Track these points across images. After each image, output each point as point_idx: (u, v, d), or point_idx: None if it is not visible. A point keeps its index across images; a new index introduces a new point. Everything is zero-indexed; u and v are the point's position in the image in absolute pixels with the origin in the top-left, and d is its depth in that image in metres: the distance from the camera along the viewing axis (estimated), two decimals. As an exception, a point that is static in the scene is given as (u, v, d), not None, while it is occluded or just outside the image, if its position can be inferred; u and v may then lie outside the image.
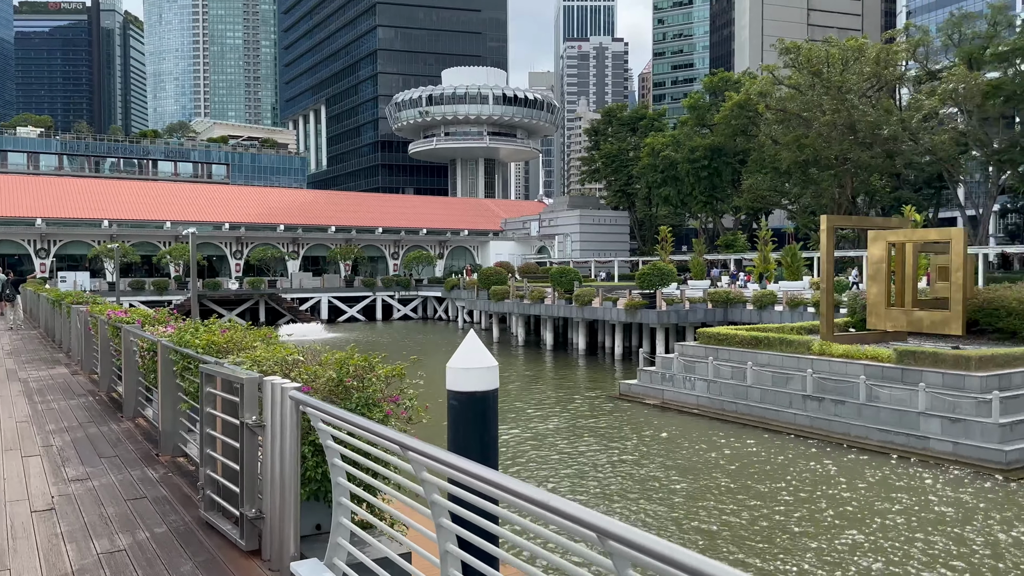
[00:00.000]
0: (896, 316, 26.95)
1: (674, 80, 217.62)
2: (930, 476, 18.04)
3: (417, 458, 3.27)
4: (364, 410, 5.16)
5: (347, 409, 4.75)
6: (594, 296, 41.45)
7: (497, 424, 9.74)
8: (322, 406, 4.47)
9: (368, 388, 5.29)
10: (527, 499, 2.49)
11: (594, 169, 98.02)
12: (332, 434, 4.49)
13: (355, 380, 5.31)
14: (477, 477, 2.84)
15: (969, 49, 61.33)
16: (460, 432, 8.10)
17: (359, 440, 4.29)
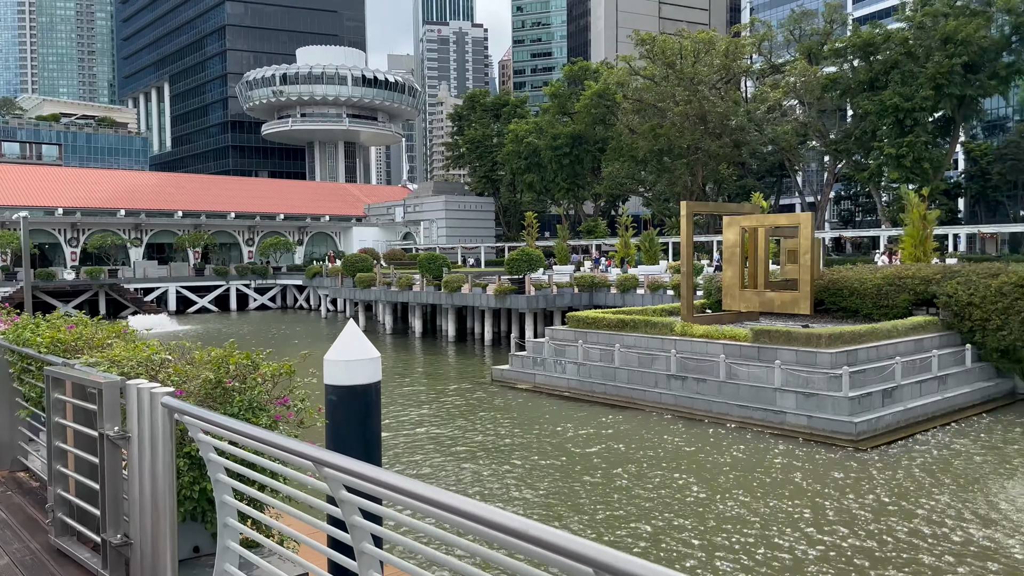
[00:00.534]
0: (750, 297, 28.37)
1: (534, 68, 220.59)
2: (786, 448, 19.05)
3: (334, 475, 2.79)
4: (248, 415, 4.57)
5: (229, 415, 4.16)
6: (463, 282, 41.21)
7: (380, 419, 9.23)
8: (203, 414, 3.86)
9: (252, 389, 4.70)
10: (492, 525, 2.10)
11: (459, 155, 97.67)
12: (215, 445, 3.90)
13: (236, 381, 4.70)
14: (416, 497, 2.41)
15: (808, 45, 65.60)
16: (340, 429, 7.59)
17: (248, 451, 3.73)
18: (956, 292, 25.39)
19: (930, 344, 24.43)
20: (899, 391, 21.39)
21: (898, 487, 15.84)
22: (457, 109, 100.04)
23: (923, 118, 53.75)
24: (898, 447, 18.99)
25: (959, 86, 52.48)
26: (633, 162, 71.53)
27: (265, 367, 4.83)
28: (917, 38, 53.50)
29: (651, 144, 65.08)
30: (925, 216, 35.68)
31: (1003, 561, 11.97)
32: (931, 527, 13.49)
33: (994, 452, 18.45)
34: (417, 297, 44.85)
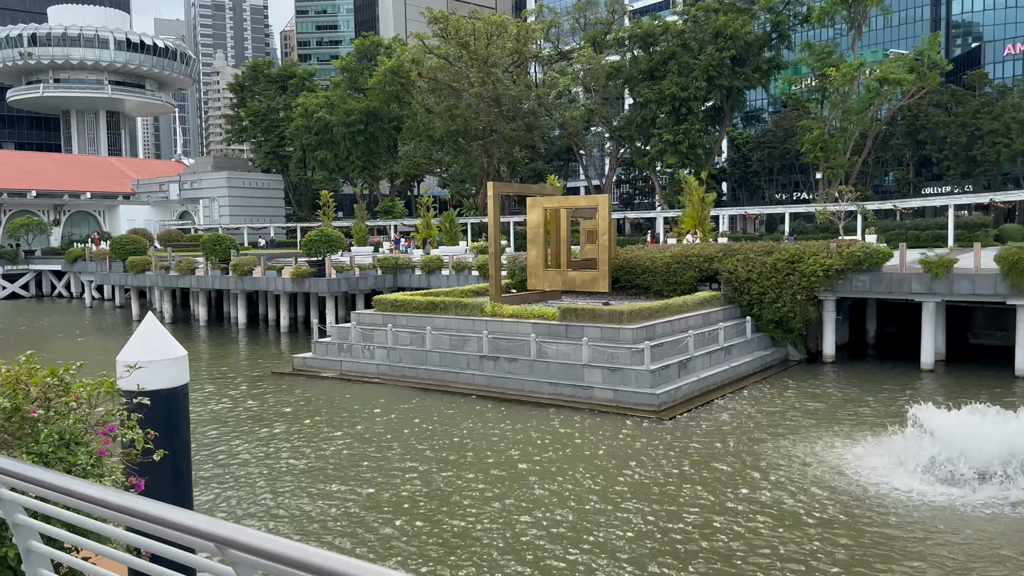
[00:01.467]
0: (552, 276, 28.98)
1: (319, 40, 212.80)
2: (594, 422, 19.62)
3: (246, 558, 1.99)
4: (63, 453, 3.52)
5: (36, 454, 3.15)
6: (255, 265, 38.66)
7: (189, 427, 8.11)
8: (4, 464, 2.84)
9: (65, 418, 3.63)
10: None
11: (241, 128, 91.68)
12: (25, 504, 2.90)
13: (42, 407, 3.61)
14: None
15: (592, 33, 68.41)
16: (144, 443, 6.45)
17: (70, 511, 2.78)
18: (736, 268, 27.55)
19: (715, 317, 26.35)
20: (692, 362, 22.81)
21: (696, 452, 16.80)
22: (238, 79, 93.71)
23: (697, 107, 58.12)
24: (695, 415, 20.22)
25: (728, 78, 57.28)
26: (430, 142, 71.03)
27: (79, 386, 3.77)
28: (691, 31, 57.58)
29: (448, 124, 64.92)
30: (704, 198, 38.56)
31: (776, 510, 13.01)
32: (726, 485, 14.40)
33: (773, 416, 20.19)
34: (201, 282, 41.47)
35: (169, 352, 8.02)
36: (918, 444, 14.81)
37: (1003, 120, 59.09)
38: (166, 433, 6.44)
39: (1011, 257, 22.78)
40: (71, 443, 3.55)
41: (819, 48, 55.13)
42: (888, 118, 57.54)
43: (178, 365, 8.15)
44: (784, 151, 78.58)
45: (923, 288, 24.80)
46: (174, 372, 8.04)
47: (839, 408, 20.82)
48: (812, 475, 15.08)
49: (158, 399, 7.73)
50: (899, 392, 22.57)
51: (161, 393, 7.84)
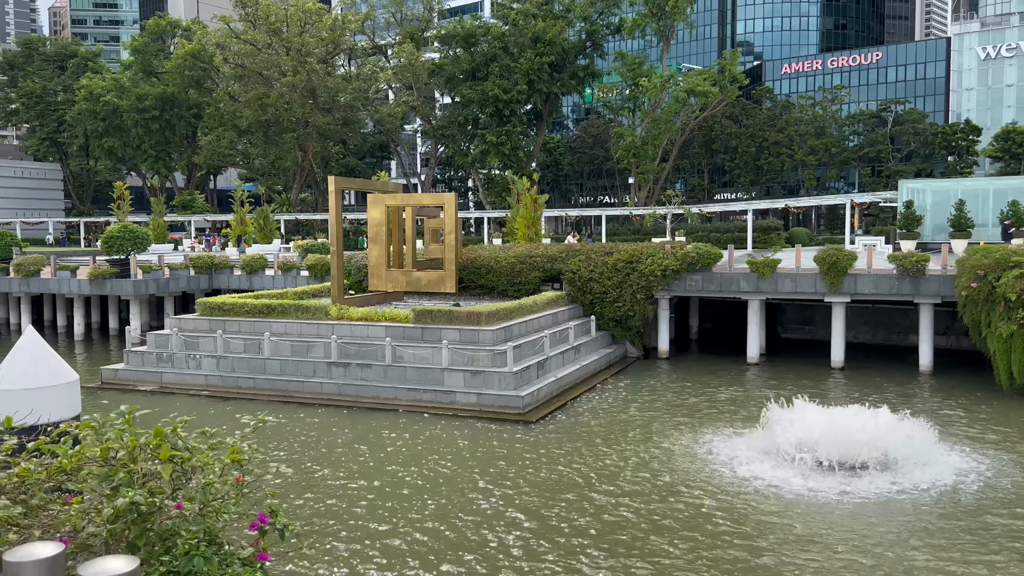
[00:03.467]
0: (396, 277, 27.92)
1: (97, 19, 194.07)
2: (460, 429, 18.97)
3: None
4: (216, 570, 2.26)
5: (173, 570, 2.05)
6: (43, 264, 33.97)
7: None
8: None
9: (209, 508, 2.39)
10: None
11: (11, 111, 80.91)
12: None
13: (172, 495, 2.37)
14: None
15: (410, 29, 67.40)
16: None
17: None
18: (579, 269, 28.01)
19: (563, 317, 26.61)
20: (548, 362, 22.80)
21: (567, 453, 16.67)
22: (7, 56, 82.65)
23: (519, 109, 59.00)
24: (557, 415, 20.15)
25: (547, 83, 58.66)
26: (236, 132, 66.54)
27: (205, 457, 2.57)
28: (512, 35, 58.35)
29: (257, 114, 61.15)
30: (536, 200, 39.04)
31: (659, 506, 13.18)
32: (601, 483, 14.36)
33: (631, 412, 20.60)
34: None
35: (56, 375, 6.43)
36: (781, 434, 15.58)
37: (787, 133, 65.49)
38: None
39: (829, 259, 24.91)
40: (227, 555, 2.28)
41: (631, 59, 58.00)
42: (693, 127, 61.69)
43: (70, 393, 6.57)
44: (593, 156, 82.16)
45: (750, 287, 26.53)
46: (66, 401, 6.47)
47: (689, 400, 21.66)
48: (683, 467, 15.41)
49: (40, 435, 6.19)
50: (734, 383, 23.95)
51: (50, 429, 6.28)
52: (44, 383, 5.97)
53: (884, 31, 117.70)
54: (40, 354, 6.09)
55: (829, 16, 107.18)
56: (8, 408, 6.24)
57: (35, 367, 5.95)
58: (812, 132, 66.91)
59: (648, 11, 56.52)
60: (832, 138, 68.26)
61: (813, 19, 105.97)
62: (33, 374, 5.93)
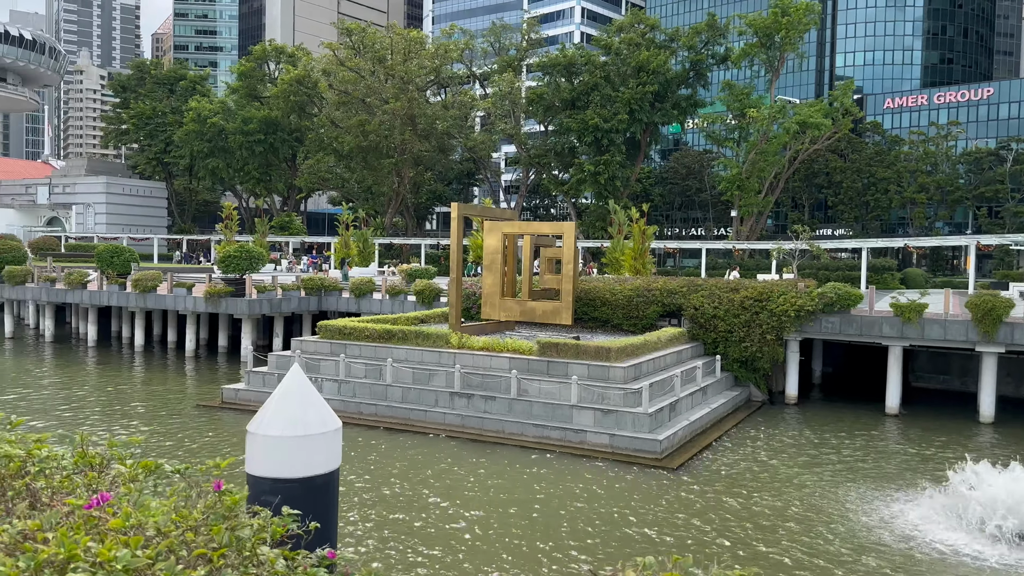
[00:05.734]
0: (510, 306, 27.28)
1: (198, 45, 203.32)
2: (594, 471, 17.96)
3: None
4: None
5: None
6: (160, 281, 34.66)
7: (336, 525, 6.05)
8: None
9: None
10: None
11: (123, 130, 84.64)
12: None
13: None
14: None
15: (508, 59, 67.66)
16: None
17: None
18: (702, 305, 26.77)
19: (686, 355, 25.41)
20: (679, 404, 21.63)
21: (719, 507, 15.45)
22: (120, 79, 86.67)
23: (618, 139, 58.24)
24: (697, 463, 18.95)
25: (648, 113, 57.80)
26: (336, 156, 67.78)
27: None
28: (614, 63, 57.82)
29: (358, 140, 62.07)
30: (645, 231, 37.99)
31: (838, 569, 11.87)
32: (780, 538, 13.12)
33: (773, 461, 19.23)
34: (94, 298, 36.86)
35: (323, 422, 5.76)
36: (975, 501, 14.05)
37: (895, 168, 62.79)
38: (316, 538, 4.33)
39: (984, 305, 23.07)
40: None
41: (738, 89, 56.65)
42: (803, 160, 59.76)
43: (332, 441, 5.90)
44: (685, 187, 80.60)
45: (894, 332, 24.81)
46: (329, 451, 5.79)
47: (836, 453, 20.13)
48: (857, 531, 14.03)
49: (310, 489, 5.52)
50: (878, 436, 22.28)
51: (315, 481, 5.62)
52: (313, 430, 5.18)
53: (992, 66, 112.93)
54: (307, 397, 5.31)
55: (934, 50, 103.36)
56: (266, 456, 5.53)
57: (303, 412, 5.16)
58: (923, 169, 63.98)
59: (757, 41, 55.17)
60: (945, 175, 65.06)
61: (916, 53, 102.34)
62: (302, 421, 5.13)
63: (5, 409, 23.61)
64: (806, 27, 57.06)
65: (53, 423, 21.96)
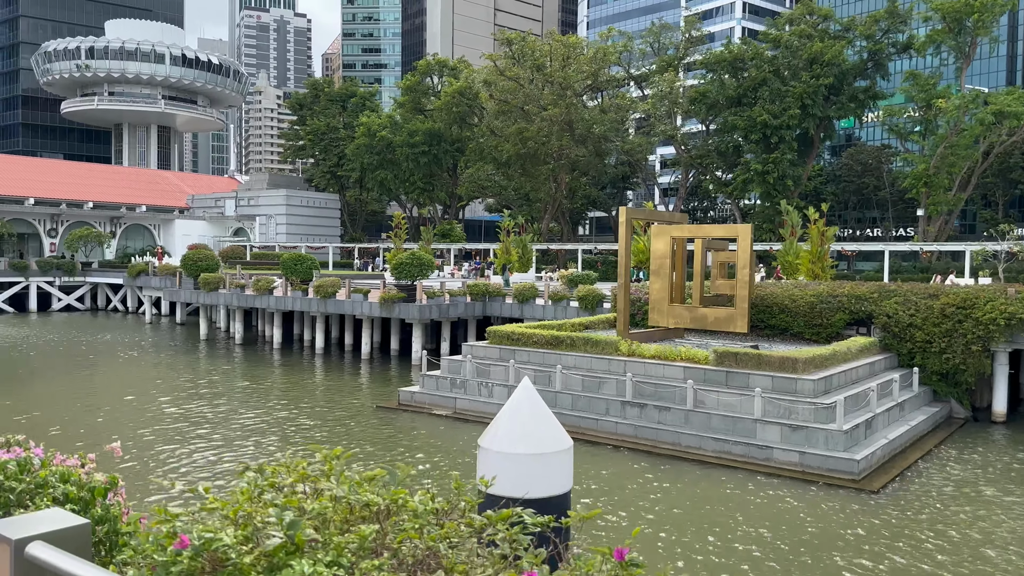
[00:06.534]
0: (679, 313, 26.31)
1: (364, 63, 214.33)
2: (785, 491, 16.79)
3: None
4: None
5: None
6: (338, 287, 36.39)
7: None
8: None
9: None
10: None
11: (300, 146, 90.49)
12: None
13: None
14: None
15: (668, 58, 66.15)
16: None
17: None
18: (896, 312, 24.66)
19: (879, 367, 23.47)
20: (875, 421, 19.92)
21: (931, 538, 13.89)
22: (297, 97, 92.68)
23: (789, 136, 55.37)
24: (900, 485, 17.30)
25: (822, 107, 54.58)
26: (495, 164, 68.97)
27: None
28: (784, 57, 55.07)
29: (517, 148, 62.78)
30: (824, 233, 35.70)
31: None
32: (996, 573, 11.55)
33: (990, 489, 17.21)
34: (279, 303, 39.28)
35: (555, 440, 5.44)
36: None
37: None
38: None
39: None
40: None
41: (924, 78, 52.27)
42: (999, 153, 54.29)
43: (565, 460, 5.58)
44: (861, 186, 75.53)
45: None
46: (562, 470, 5.47)
47: (1064, 483, 17.78)
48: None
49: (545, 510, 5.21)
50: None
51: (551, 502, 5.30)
52: (547, 448, 4.69)
53: None
54: (539, 413, 4.83)
55: None
56: (510, 475, 5.14)
57: (537, 428, 4.69)
58: None
59: (945, 27, 50.66)
60: None
61: None
62: (536, 438, 4.66)
63: (210, 402, 25.50)
64: (1003, 9, 51.83)
65: (252, 424, 23.41)
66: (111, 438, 16.18)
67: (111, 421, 23.25)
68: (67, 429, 21.82)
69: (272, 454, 19.65)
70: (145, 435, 21.28)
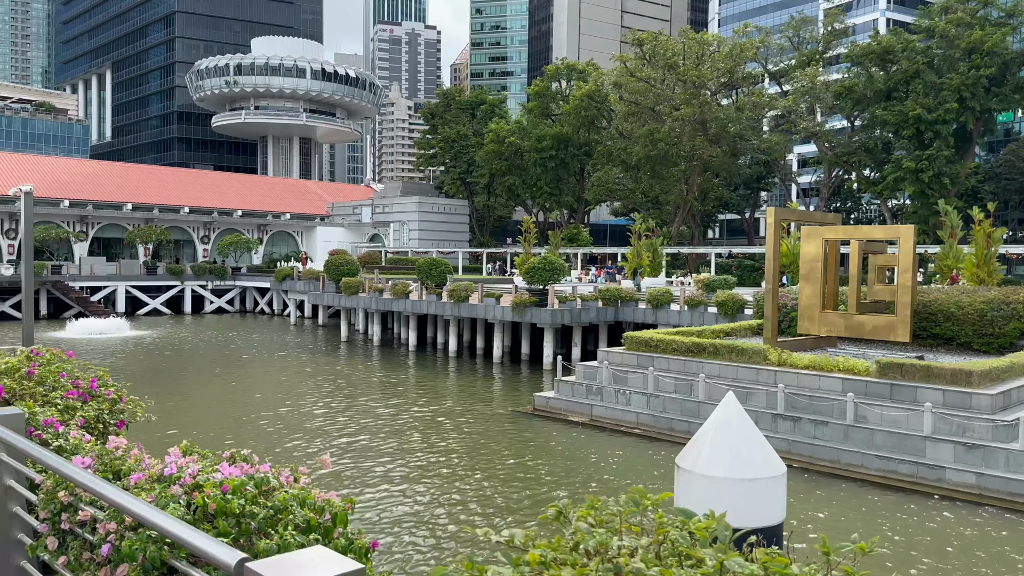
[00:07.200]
0: (832, 320, 24.73)
1: (492, 71, 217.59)
2: (962, 516, 15.25)
3: None
4: None
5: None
6: (471, 291, 36.72)
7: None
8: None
9: None
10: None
11: (432, 154, 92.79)
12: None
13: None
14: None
15: (810, 52, 63.12)
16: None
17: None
18: (1084, 321, 22.15)
19: (1065, 382, 21.09)
20: (1065, 441, 17.85)
21: None
22: (429, 107, 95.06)
23: (945, 131, 51.48)
24: (1100, 517, 15.36)
25: (982, 99, 50.44)
26: (623, 167, 68.01)
27: None
28: (939, 47, 51.30)
29: (647, 150, 61.61)
30: (991, 234, 32.79)
31: None
32: None
33: None
34: (415, 307, 40.12)
35: (767, 465, 4.92)
36: None
37: None
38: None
39: None
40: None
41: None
42: None
43: (778, 487, 5.04)
44: None
45: None
46: (776, 497, 4.94)
47: None
48: None
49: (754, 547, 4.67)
50: None
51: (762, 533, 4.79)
52: (759, 473, 4.00)
53: None
54: (748, 433, 4.16)
55: None
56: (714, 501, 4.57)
57: (747, 450, 4.03)
58: None
59: None
60: None
61: None
62: (747, 461, 3.99)
63: (357, 402, 26.22)
64: None
65: (400, 426, 23.83)
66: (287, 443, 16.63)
67: (278, 427, 24.03)
68: (238, 433, 22.91)
69: (434, 467, 19.83)
70: (312, 441, 22.01)
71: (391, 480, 17.61)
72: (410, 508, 15.59)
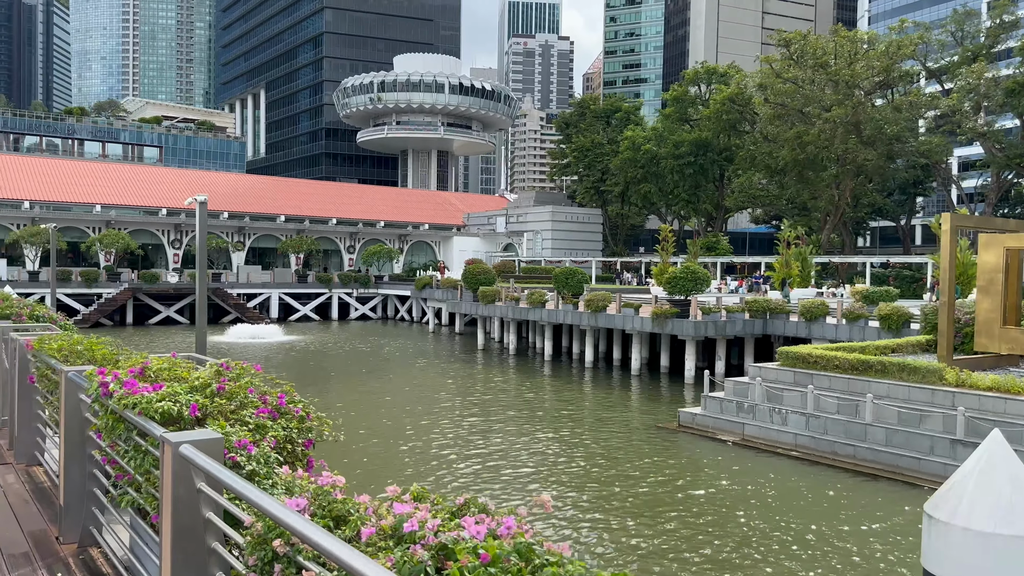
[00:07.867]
0: (1015, 337, 22.19)
1: (625, 79, 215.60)
2: None
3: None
4: None
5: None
6: (609, 301, 36.01)
7: None
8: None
9: None
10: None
11: (566, 163, 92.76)
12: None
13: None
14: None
15: (976, 47, 58.33)
16: None
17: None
18: None
19: None
20: None
21: None
22: (563, 116, 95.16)
23: None
24: None
25: None
26: (768, 172, 65.19)
27: None
28: None
29: (794, 153, 58.71)
30: None
31: None
32: None
33: None
34: (551, 316, 39.84)
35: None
36: None
37: None
38: None
39: None
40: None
41: None
42: None
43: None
44: None
45: None
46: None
47: None
48: None
49: None
50: None
51: None
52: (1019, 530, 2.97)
53: None
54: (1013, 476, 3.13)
55: None
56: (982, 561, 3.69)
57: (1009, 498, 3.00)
58: None
59: None
60: None
61: None
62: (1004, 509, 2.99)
63: (500, 416, 26.16)
64: None
65: (542, 443, 23.54)
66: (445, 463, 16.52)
67: (430, 440, 23.99)
68: (392, 449, 23.33)
69: (591, 483, 19.42)
70: (465, 458, 22.11)
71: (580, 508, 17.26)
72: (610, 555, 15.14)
